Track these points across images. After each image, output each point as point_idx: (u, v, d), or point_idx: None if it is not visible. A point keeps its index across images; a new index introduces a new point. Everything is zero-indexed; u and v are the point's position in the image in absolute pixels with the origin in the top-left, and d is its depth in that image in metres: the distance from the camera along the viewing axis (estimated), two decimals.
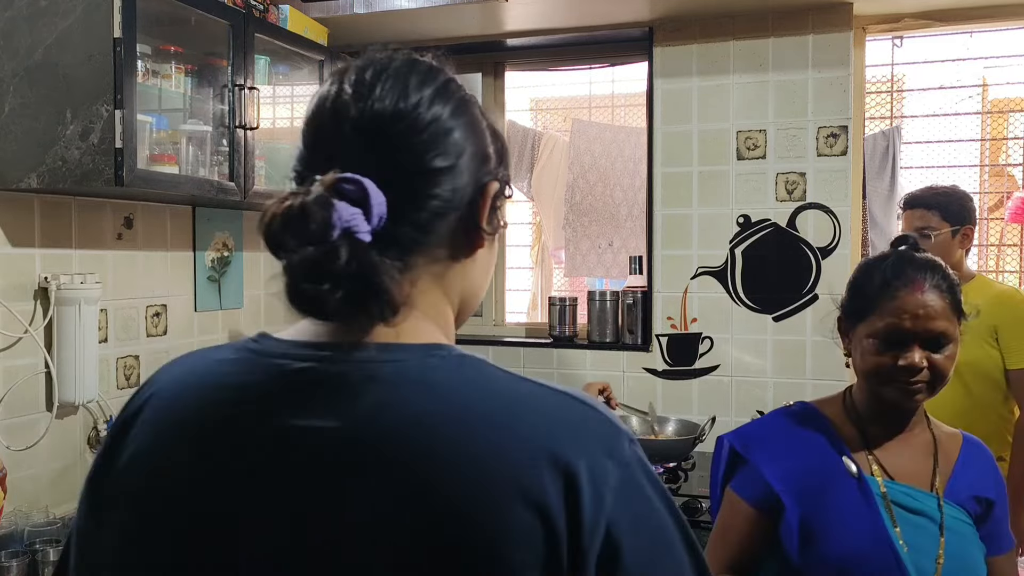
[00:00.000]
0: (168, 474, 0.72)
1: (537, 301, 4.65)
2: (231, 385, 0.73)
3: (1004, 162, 4.96)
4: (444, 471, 0.65)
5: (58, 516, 2.16)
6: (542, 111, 5.60)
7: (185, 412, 0.74)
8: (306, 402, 0.69)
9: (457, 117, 0.77)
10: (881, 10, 2.73)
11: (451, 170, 0.75)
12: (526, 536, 0.64)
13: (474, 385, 0.71)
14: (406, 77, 0.76)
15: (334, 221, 0.68)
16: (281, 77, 2.69)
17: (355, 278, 0.68)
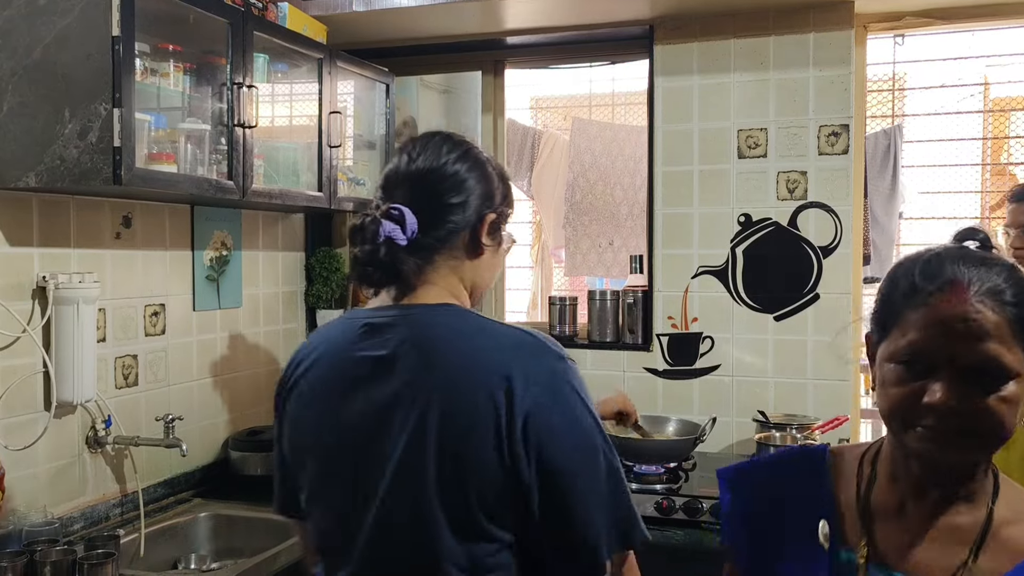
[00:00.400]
0: (312, 399, 1.29)
1: (537, 300, 4.65)
2: (335, 337, 1.30)
3: (1006, 161, 4.96)
4: (445, 363, 1.18)
5: (56, 516, 2.16)
6: (542, 109, 5.59)
7: (319, 361, 1.30)
8: (364, 340, 1.24)
9: (471, 171, 1.29)
10: (882, 8, 2.72)
11: (462, 205, 1.27)
12: (483, 412, 1.14)
13: (463, 321, 1.24)
14: (439, 146, 1.29)
15: (380, 232, 1.21)
16: (280, 75, 2.68)
17: (387, 266, 1.23)
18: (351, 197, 2.89)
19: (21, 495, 2.09)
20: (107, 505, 2.36)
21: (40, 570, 1.91)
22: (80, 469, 2.29)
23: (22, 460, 2.10)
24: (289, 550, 2.22)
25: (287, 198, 2.58)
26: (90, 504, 2.31)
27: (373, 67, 3.00)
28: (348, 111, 2.94)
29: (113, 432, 2.33)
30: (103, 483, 2.36)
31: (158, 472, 2.54)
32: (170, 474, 2.58)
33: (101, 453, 2.34)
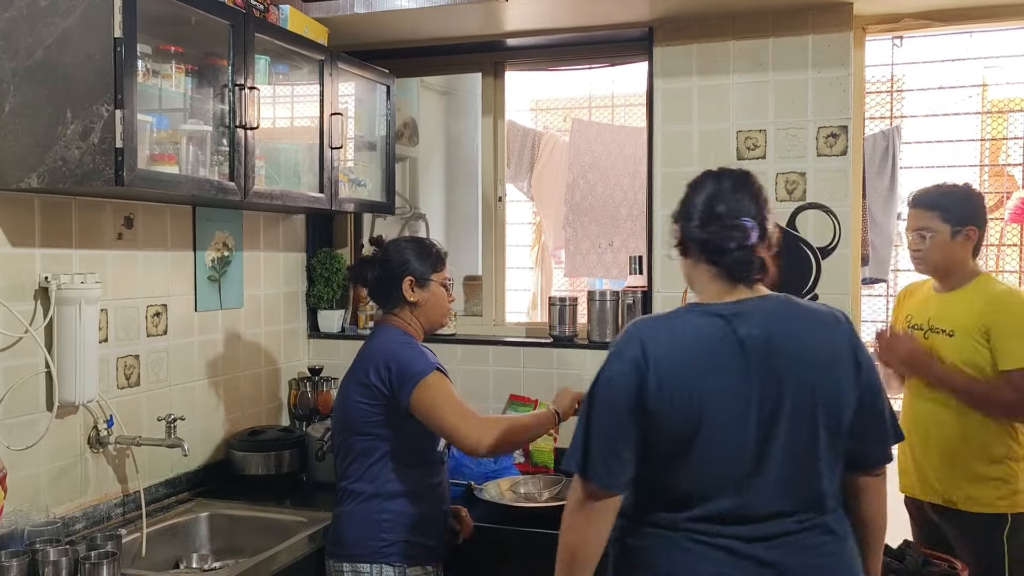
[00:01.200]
0: (692, 375, 1.58)
1: (537, 301, 4.66)
2: (702, 326, 1.63)
3: (1004, 162, 4.96)
4: (809, 343, 1.62)
5: (58, 516, 2.17)
6: (542, 111, 5.60)
7: (687, 346, 1.61)
8: (743, 324, 1.61)
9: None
10: (881, 10, 2.73)
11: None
12: (850, 383, 1.63)
13: (803, 307, 1.68)
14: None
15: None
16: (281, 77, 2.69)
17: (761, 264, 1.66)
18: (352, 198, 2.90)
19: (23, 495, 2.10)
20: (109, 505, 2.37)
21: (42, 569, 1.92)
22: (82, 469, 2.30)
23: (24, 460, 2.11)
24: (290, 549, 2.23)
25: (288, 199, 2.59)
26: (92, 504, 2.32)
27: (374, 69, 3.01)
28: (349, 112, 2.95)
29: (115, 432, 2.33)
30: (105, 483, 2.37)
31: (160, 472, 2.55)
32: (172, 474, 2.59)
33: (103, 453, 2.35)
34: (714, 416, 1.57)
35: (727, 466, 1.58)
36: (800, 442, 1.58)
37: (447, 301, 2.29)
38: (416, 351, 2.16)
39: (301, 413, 3.04)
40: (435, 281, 2.24)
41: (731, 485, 1.58)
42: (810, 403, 1.58)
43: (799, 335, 1.62)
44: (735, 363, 1.58)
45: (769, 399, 1.57)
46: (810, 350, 1.61)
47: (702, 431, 1.57)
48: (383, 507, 2.12)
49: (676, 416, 1.57)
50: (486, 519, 2.43)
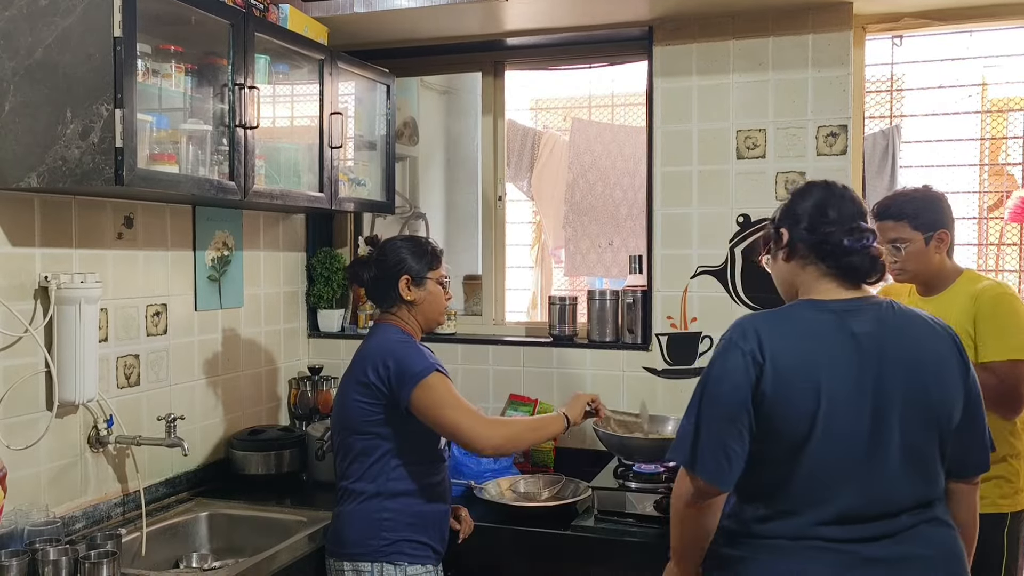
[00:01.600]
0: (809, 370, 1.59)
1: (537, 300, 4.65)
2: (818, 320, 1.65)
3: (1003, 161, 4.96)
4: (920, 343, 1.66)
5: (58, 515, 2.17)
6: (542, 110, 5.60)
7: (804, 339, 1.64)
8: (857, 320, 1.64)
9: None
10: (881, 9, 2.73)
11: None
12: (959, 387, 1.68)
13: (910, 310, 1.72)
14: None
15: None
16: (281, 76, 2.69)
17: (882, 265, 1.69)
18: (352, 198, 2.90)
19: (23, 494, 2.10)
20: (109, 504, 2.37)
21: (42, 569, 1.92)
22: (82, 468, 2.30)
23: (24, 460, 2.11)
24: (290, 549, 2.23)
25: (288, 199, 2.59)
26: (92, 503, 2.32)
27: (374, 68, 3.01)
28: (349, 112, 2.94)
29: (115, 431, 2.33)
30: (105, 482, 2.37)
31: (160, 471, 2.55)
32: (171, 473, 2.59)
33: (103, 452, 2.35)
34: (831, 409, 1.57)
35: (844, 459, 1.59)
36: (915, 438, 1.61)
37: (444, 299, 2.29)
38: (415, 350, 2.16)
39: (301, 413, 3.04)
40: (431, 279, 2.24)
41: (849, 481, 1.59)
42: (924, 401, 1.61)
43: (911, 335, 1.66)
44: (850, 357, 1.60)
45: (884, 394, 1.59)
46: (922, 350, 1.65)
47: (819, 424, 1.57)
48: (384, 506, 2.12)
49: (793, 409, 1.58)
50: (486, 519, 2.43)
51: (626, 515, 2.37)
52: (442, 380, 2.11)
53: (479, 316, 3.29)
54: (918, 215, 2.43)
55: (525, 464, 2.90)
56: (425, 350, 2.20)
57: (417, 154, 3.83)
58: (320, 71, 2.70)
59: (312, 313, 3.28)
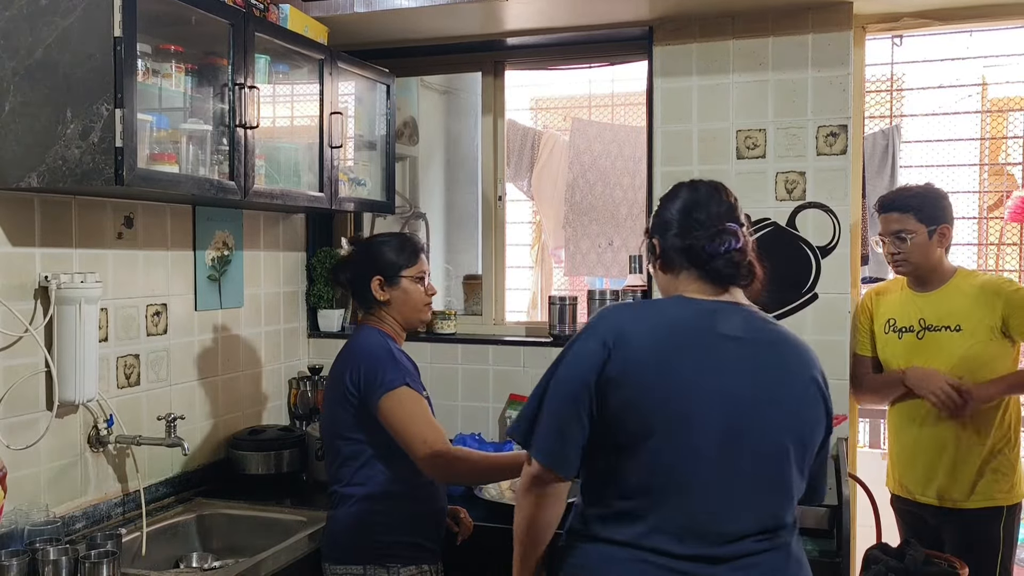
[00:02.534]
0: (661, 360, 1.54)
1: (537, 300, 4.65)
2: (681, 315, 1.61)
3: (1003, 161, 4.97)
4: (786, 361, 1.60)
5: (58, 515, 2.17)
6: (542, 110, 5.60)
7: (661, 330, 1.58)
8: (723, 322, 1.59)
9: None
10: (881, 9, 2.73)
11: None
12: (821, 413, 1.62)
13: (782, 331, 1.65)
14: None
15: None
16: (281, 76, 2.68)
17: (750, 267, 1.63)
18: (352, 197, 2.90)
19: (23, 494, 2.10)
20: (109, 504, 2.37)
21: (42, 569, 1.92)
22: (82, 468, 2.30)
23: (24, 459, 2.11)
24: (290, 549, 2.23)
25: (288, 198, 2.59)
26: (92, 503, 2.32)
27: (374, 68, 3.01)
28: (349, 112, 2.94)
29: (115, 431, 2.33)
30: (105, 482, 2.37)
31: (160, 471, 2.55)
32: (172, 473, 2.59)
33: (103, 452, 2.35)
34: (681, 405, 1.51)
35: (689, 462, 1.51)
36: (772, 458, 1.54)
37: (422, 296, 2.23)
38: (388, 357, 2.11)
39: (301, 412, 3.04)
40: (407, 277, 2.20)
41: (692, 488, 1.51)
42: (788, 422, 1.55)
43: (783, 351, 1.60)
44: (713, 356, 1.55)
45: (744, 402, 1.53)
46: (791, 370, 1.59)
47: (665, 417, 1.51)
48: (374, 509, 2.11)
49: (639, 395, 1.52)
50: (486, 519, 2.43)
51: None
52: (411, 394, 2.07)
53: (479, 316, 3.29)
54: (923, 208, 2.48)
55: None
56: (403, 360, 2.15)
57: (417, 154, 3.83)
58: (320, 71, 2.70)
59: (312, 313, 3.28)
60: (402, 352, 2.19)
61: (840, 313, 2.72)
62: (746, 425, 1.53)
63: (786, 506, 1.57)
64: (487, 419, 3.10)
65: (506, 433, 1.71)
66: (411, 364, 2.18)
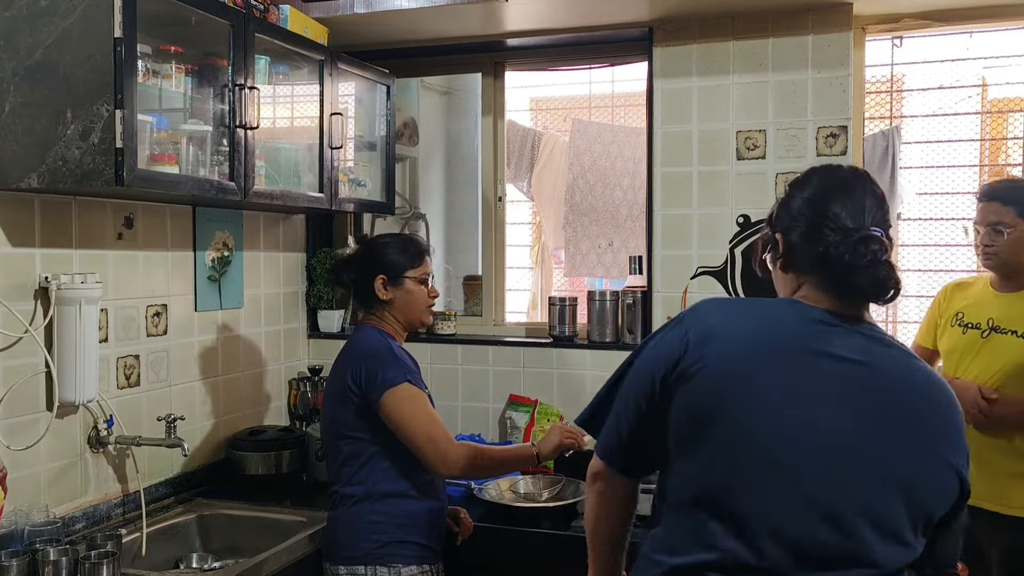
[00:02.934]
0: (745, 372, 1.30)
1: (537, 301, 4.65)
2: (788, 322, 1.35)
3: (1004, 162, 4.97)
4: (922, 400, 1.30)
5: (58, 515, 2.17)
6: (542, 111, 5.59)
7: (757, 336, 1.34)
8: (841, 340, 1.31)
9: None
10: (881, 10, 2.73)
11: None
12: (951, 472, 1.31)
13: (915, 359, 1.36)
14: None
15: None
16: (281, 77, 2.69)
17: (896, 282, 1.33)
18: (352, 198, 2.90)
19: (23, 495, 2.10)
20: (109, 505, 2.37)
21: (42, 569, 1.92)
22: (82, 469, 2.30)
23: (24, 460, 2.11)
24: (290, 549, 2.23)
25: (288, 199, 2.59)
26: (92, 504, 2.32)
27: (374, 69, 3.01)
28: (349, 112, 2.95)
29: (115, 432, 2.33)
30: (105, 483, 2.37)
31: (160, 472, 2.55)
32: (172, 474, 2.59)
33: (103, 453, 2.35)
34: (747, 436, 1.27)
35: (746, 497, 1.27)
36: (873, 500, 1.25)
37: (425, 298, 2.24)
38: (389, 355, 2.11)
39: (301, 413, 3.04)
40: (411, 278, 2.20)
41: (750, 499, 1.27)
42: (895, 470, 1.26)
43: (912, 386, 1.30)
44: (813, 376, 1.29)
45: (839, 440, 1.26)
46: (921, 411, 1.29)
47: (725, 444, 1.29)
48: (374, 508, 2.11)
49: (700, 411, 1.31)
50: (486, 519, 2.43)
51: None
52: (413, 391, 2.08)
53: (479, 317, 3.29)
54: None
55: None
56: (404, 357, 2.16)
57: (417, 154, 3.83)
58: (320, 72, 2.70)
59: (312, 313, 3.28)
60: (403, 350, 2.20)
61: None
62: (841, 470, 1.25)
63: (872, 559, 1.26)
64: (487, 420, 3.10)
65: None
66: (412, 361, 2.19)
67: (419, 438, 2.05)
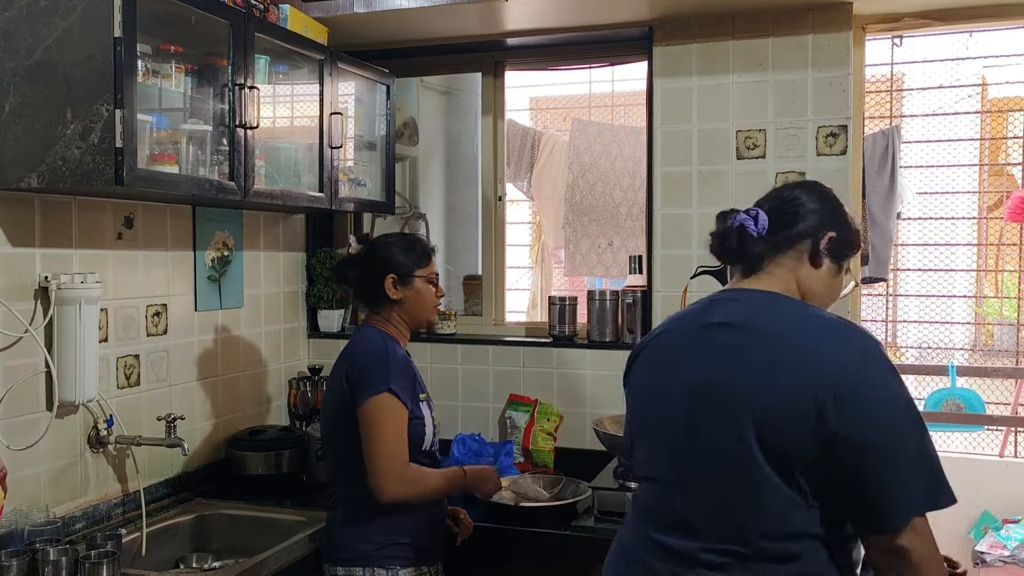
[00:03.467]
0: (667, 352, 1.60)
1: (537, 300, 4.65)
2: (686, 311, 1.67)
3: (1003, 161, 4.97)
4: (782, 344, 1.46)
5: (58, 515, 2.17)
6: (542, 110, 5.60)
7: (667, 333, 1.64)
8: (716, 310, 1.56)
9: (815, 202, 1.64)
10: (881, 9, 2.73)
11: (802, 218, 1.60)
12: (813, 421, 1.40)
13: (788, 309, 1.54)
14: (800, 188, 1.69)
15: (735, 220, 1.62)
16: (281, 76, 2.69)
17: (735, 251, 1.62)
18: (352, 198, 2.90)
19: (23, 495, 2.10)
20: (109, 504, 2.37)
21: (42, 569, 1.92)
22: (82, 469, 2.30)
23: (24, 460, 2.11)
24: (290, 549, 2.23)
25: (288, 199, 2.59)
26: (92, 503, 2.32)
27: (374, 68, 3.01)
28: (349, 112, 2.95)
29: (115, 432, 2.33)
30: (105, 483, 2.37)
31: (160, 472, 2.55)
32: (172, 473, 2.59)
33: (103, 453, 2.35)
34: (643, 407, 1.62)
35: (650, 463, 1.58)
36: (730, 454, 1.42)
37: (433, 297, 2.23)
38: (382, 361, 2.08)
39: (301, 413, 3.04)
40: (419, 277, 2.19)
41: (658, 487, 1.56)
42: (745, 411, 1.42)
43: (770, 340, 1.46)
44: (683, 350, 1.57)
45: (698, 393, 1.49)
46: (772, 359, 1.43)
47: (638, 420, 1.62)
48: (372, 510, 2.10)
49: (633, 395, 1.66)
50: (486, 519, 2.43)
51: (626, 515, 2.37)
52: (390, 405, 2.04)
53: (479, 316, 3.29)
54: None
55: (525, 464, 2.90)
56: (399, 363, 2.12)
57: (417, 154, 3.83)
58: (320, 71, 2.70)
59: (312, 313, 3.28)
60: (404, 355, 2.18)
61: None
62: (701, 420, 1.47)
63: (748, 522, 1.41)
64: (487, 419, 3.10)
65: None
66: (408, 366, 2.16)
67: (373, 454, 2.03)
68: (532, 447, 2.91)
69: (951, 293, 4.69)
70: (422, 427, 2.12)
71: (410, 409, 2.09)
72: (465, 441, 2.85)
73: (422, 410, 2.14)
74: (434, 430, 2.17)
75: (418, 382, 2.18)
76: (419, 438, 2.12)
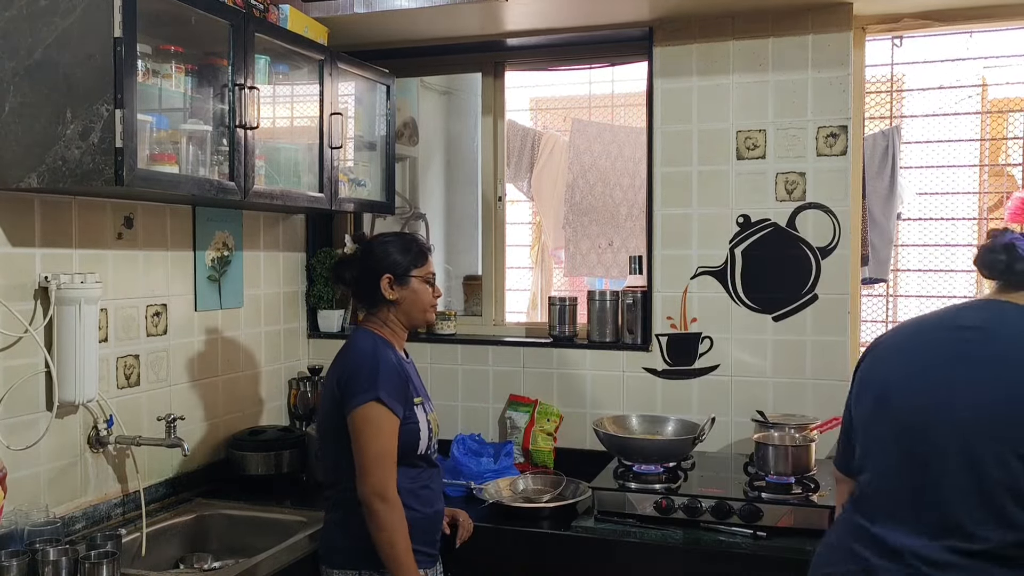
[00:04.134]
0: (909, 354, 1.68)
1: (537, 301, 4.65)
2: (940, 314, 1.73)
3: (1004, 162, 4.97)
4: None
5: (58, 515, 2.17)
6: (542, 111, 5.59)
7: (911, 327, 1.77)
8: (964, 315, 1.68)
9: None
10: (881, 10, 2.73)
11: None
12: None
13: None
14: None
15: (1005, 239, 1.67)
16: (281, 76, 2.69)
17: (1003, 267, 1.65)
18: (352, 198, 2.90)
19: (23, 495, 2.10)
20: (109, 505, 2.37)
21: (42, 569, 1.92)
22: (82, 469, 2.30)
23: (24, 460, 2.11)
24: (290, 549, 2.23)
25: (288, 199, 2.59)
26: (92, 504, 2.32)
27: (374, 68, 3.01)
28: (349, 112, 2.95)
29: (115, 432, 2.33)
30: (105, 483, 2.37)
31: (159, 472, 2.55)
32: (171, 474, 2.59)
33: (103, 453, 2.35)
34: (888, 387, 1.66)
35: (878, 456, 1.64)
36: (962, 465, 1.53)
37: (430, 297, 2.21)
38: (373, 367, 2.05)
39: (301, 413, 3.04)
40: (416, 277, 2.17)
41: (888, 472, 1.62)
42: (982, 425, 1.53)
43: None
44: (933, 350, 1.64)
45: (938, 392, 1.58)
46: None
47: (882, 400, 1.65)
48: None
49: (863, 391, 1.71)
50: (486, 519, 2.43)
51: (626, 516, 2.37)
52: (378, 413, 2.01)
53: (479, 316, 3.29)
54: None
55: (525, 464, 2.90)
56: (391, 368, 2.08)
57: (417, 154, 3.83)
58: (320, 71, 2.70)
59: (312, 313, 3.28)
60: (397, 359, 2.15)
61: (840, 314, 2.72)
62: (932, 419, 1.57)
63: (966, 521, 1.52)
64: (487, 420, 3.10)
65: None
66: (400, 374, 2.11)
67: (358, 464, 2.01)
68: (532, 447, 2.91)
69: (951, 294, 4.68)
70: (416, 432, 2.10)
71: (402, 416, 2.07)
72: (465, 441, 2.85)
73: (416, 415, 2.12)
74: (430, 434, 2.15)
75: (412, 386, 2.14)
76: (414, 443, 2.10)
